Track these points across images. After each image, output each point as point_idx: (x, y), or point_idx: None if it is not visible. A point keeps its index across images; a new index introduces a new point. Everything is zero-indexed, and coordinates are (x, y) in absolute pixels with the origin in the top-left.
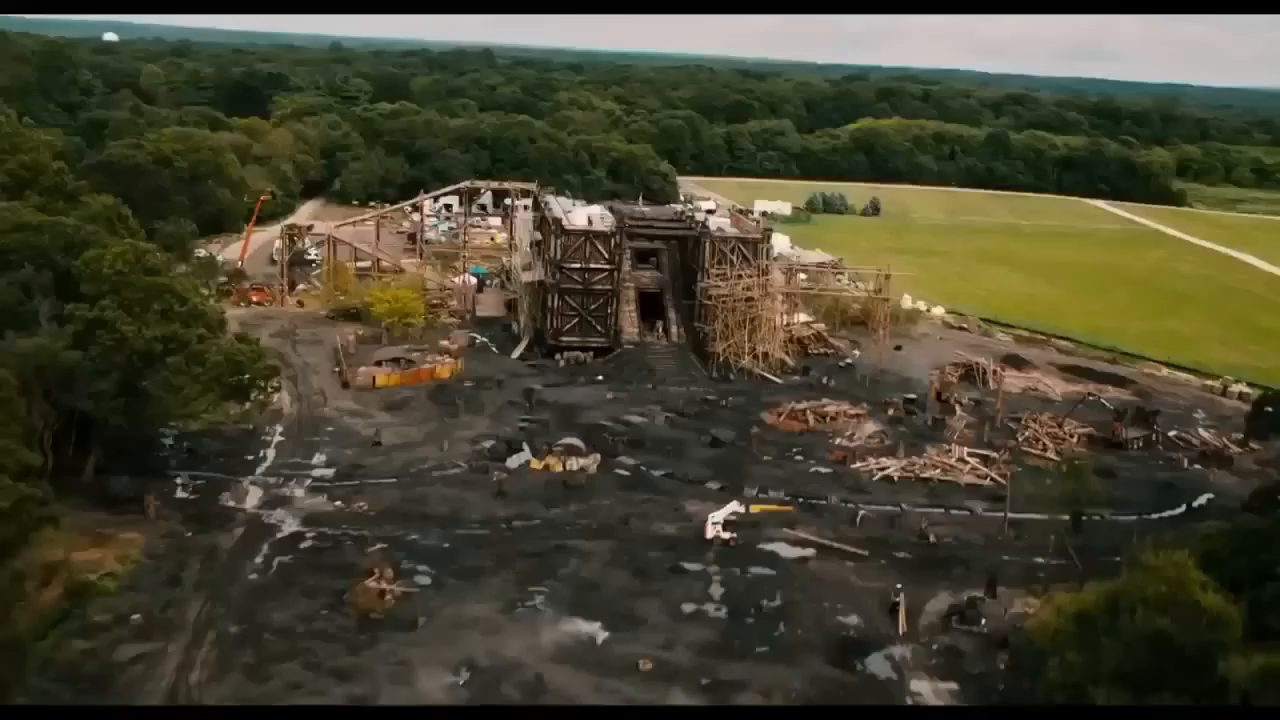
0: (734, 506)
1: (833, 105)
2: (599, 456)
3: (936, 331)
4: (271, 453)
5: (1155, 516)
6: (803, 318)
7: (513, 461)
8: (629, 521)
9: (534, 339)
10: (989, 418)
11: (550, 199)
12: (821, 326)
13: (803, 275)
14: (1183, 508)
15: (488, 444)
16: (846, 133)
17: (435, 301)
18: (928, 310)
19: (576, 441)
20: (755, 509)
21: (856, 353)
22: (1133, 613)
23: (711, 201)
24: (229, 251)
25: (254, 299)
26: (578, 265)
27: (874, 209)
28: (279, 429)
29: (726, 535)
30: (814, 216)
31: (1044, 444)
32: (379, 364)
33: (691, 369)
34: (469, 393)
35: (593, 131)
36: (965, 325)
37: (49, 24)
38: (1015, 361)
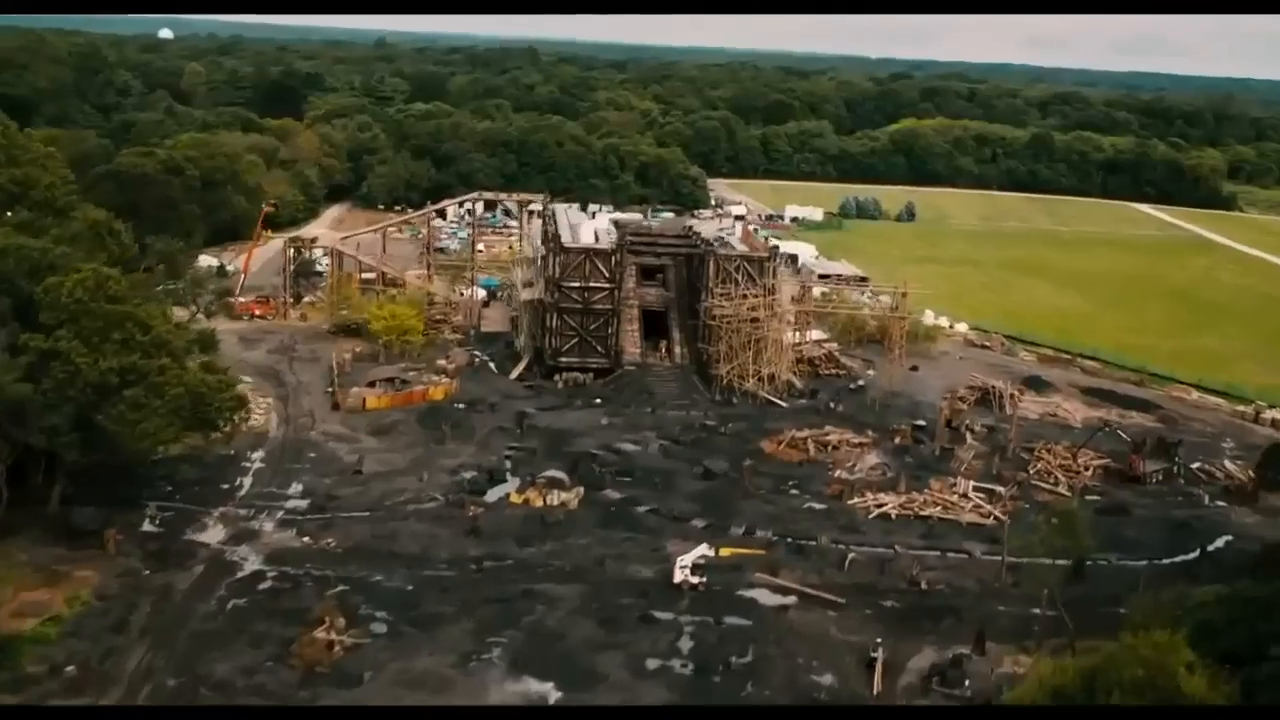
0: (702, 549)
1: (874, 105)
2: (582, 490)
3: (957, 350)
4: (249, 480)
5: (1166, 561)
6: (816, 335)
7: (492, 495)
8: (604, 563)
9: (534, 358)
10: (1001, 447)
11: (559, 209)
12: (834, 346)
13: (819, 291)
14: (1196, 552)
15: (469, 475)
16: (886, 134)
17: (438, 317)
18: (950, 327)
19: (559, 474)
20: (725, 552)
21: (871, 373)
22: (1109, 694)
23: (742, 206)
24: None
25: (256, 312)
26: (577, 284)
27: (908, 214)
28: (261, 454)
29: (695, 580)
30: (846, 222)
31: (1056, 477)
32: (372, 384)
33: (694, 392)
34: (460, 416)
35: (626, 132)
36: (988, 343)
37: (104, 23)
38: (1035, 384)
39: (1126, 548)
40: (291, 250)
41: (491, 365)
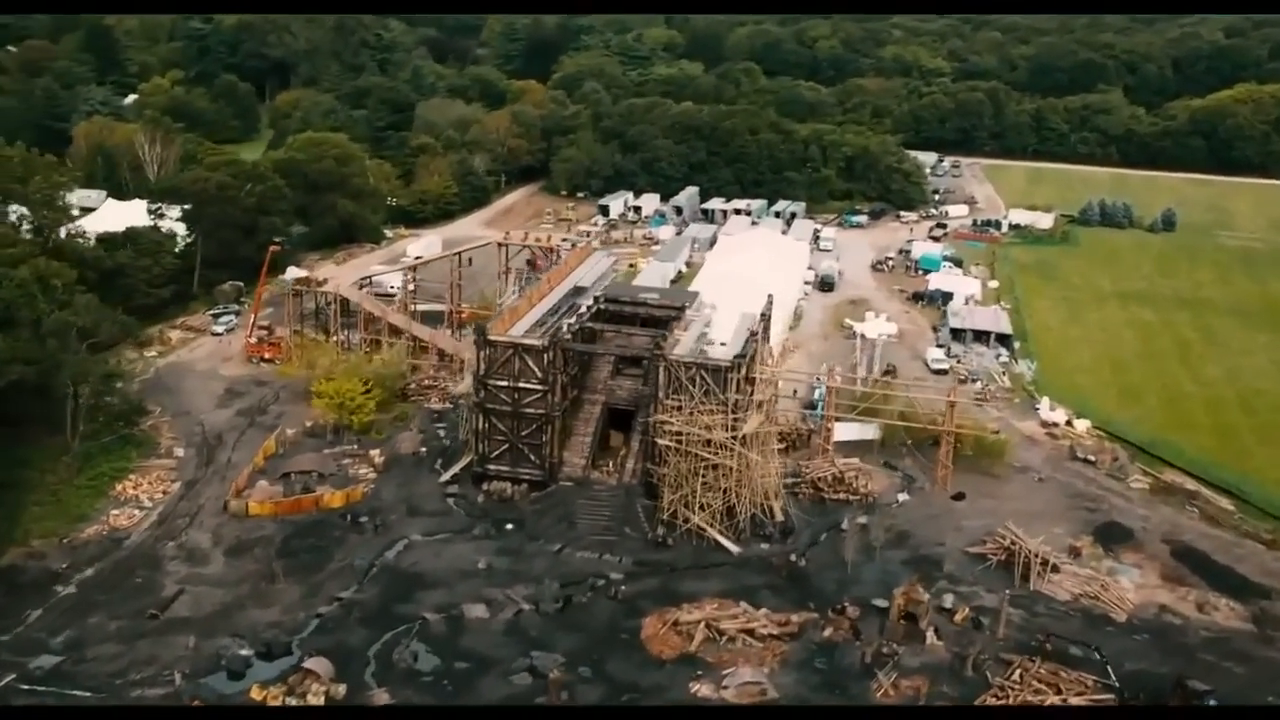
0: None
1: (1208, 65)
2: (344, 688)
3: (1047, 464)
4: (34, 616)
5: None
6: (850, 433)
7: (246, 681)
8: None
9: (471, 461)
10: (969, 656)
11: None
12: (853, 463)
13: (936, 357)
14: None
15: (236, 649)
16: (1187, 110)
17: (427, 382)
18: (1066, 423)
19: (318, 667)
20: None
21: (902, 496)
22: None
23: (965, 206)
24: (353, 265)
25: (266, 355)
26: (505, 383)
27: (1165, 223)
28: (90, 572)
29: None
30: (1079, 232)
31: None
32: (288, 475)
33: (629, 523)
34: (332, 538)
35: (882, 99)
36: (1096, 456)
37: None
38: (1111, 535)
39: None
40: (294, 294)
41: (442, 456)
